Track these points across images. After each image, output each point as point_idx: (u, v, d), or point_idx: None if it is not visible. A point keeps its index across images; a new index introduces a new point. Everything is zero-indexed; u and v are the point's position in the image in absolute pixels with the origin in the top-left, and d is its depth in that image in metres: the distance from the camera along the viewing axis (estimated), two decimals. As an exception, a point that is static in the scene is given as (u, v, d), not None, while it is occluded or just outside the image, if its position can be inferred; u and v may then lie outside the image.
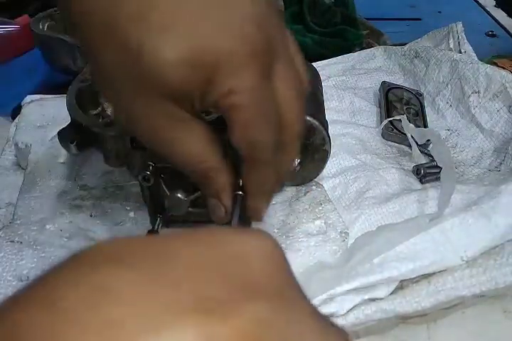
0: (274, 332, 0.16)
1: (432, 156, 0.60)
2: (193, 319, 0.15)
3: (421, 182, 0.59)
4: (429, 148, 0.61)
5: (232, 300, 0.16)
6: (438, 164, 0.56)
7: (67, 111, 0.48)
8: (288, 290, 0.19)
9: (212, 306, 0.16)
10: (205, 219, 0.49)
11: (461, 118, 0.68)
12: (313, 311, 0.19)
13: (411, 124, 0.62)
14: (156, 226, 0.45)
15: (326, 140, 0.53)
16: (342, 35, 0.84)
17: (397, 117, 0.64)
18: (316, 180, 0.57)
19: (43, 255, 0.48)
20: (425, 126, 0.67)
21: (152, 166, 0.44)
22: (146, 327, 0.15)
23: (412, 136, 0.61)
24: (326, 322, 0.19)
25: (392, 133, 0.65)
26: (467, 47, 0.74)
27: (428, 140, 0.59)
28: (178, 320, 0.15)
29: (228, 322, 0.15)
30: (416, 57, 0.76)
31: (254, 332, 0.15)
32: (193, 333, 0.15)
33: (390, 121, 0.65)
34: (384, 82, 0.73)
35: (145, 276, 0.16)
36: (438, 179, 0.56)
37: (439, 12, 1.08)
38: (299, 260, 0.48)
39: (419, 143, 0.61)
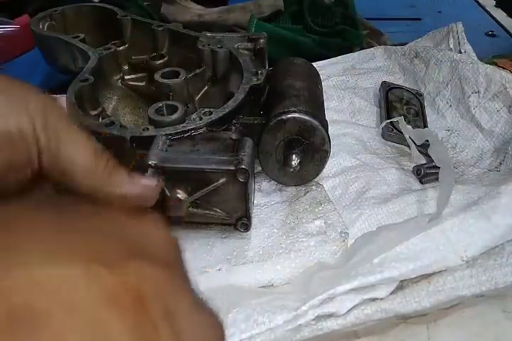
0: (152, 287, 0.18)
1: (430, 156, 0.60)
2: (83, 261, 0.18)
3: (421, 182, 0.59)
4: (428, 149, 0.61)
5: (121, 257, 0.19)
6: (436, 164, 0.56)
7: (67, 112, 0.48)
8: (175, 267, 0.22)
9: (102, 257, 0.19)
10: (206, 220, 0.49)
11: (461, 119, 0.68)
12: (190, 289, 0.22)
13: (408, 126, 0.62)
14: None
15: (325, 140, 0.53)
16: (342, 35, 0.84)
17: (395, 119, 0.64)
18: (316, 180, 0.57)
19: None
20: (425, 126, 0.67)
21: (152, 166, 0.44)
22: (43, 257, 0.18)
23: (410, 137, 0.61)
24: (200, 300, 0.21)
25: (392, 133, 0.65)
26: (467, 47, 0.74)
27: (427, 140, 0.59)
28: (69, 259, 0.18)
29: (114, 271, 0.18)
30: (416, 57, 0.76)
31: (134, 282, 0.18)
32: (81, 269, 0.18)
33: (390, 122, 0.65)
34: (384, 82, 0.73)
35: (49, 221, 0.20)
36: (438, 179, 0.56)
37: (439, 12, 1.09)
38: (299, 260, 0.48)
39: (417, 144, 0.61)
